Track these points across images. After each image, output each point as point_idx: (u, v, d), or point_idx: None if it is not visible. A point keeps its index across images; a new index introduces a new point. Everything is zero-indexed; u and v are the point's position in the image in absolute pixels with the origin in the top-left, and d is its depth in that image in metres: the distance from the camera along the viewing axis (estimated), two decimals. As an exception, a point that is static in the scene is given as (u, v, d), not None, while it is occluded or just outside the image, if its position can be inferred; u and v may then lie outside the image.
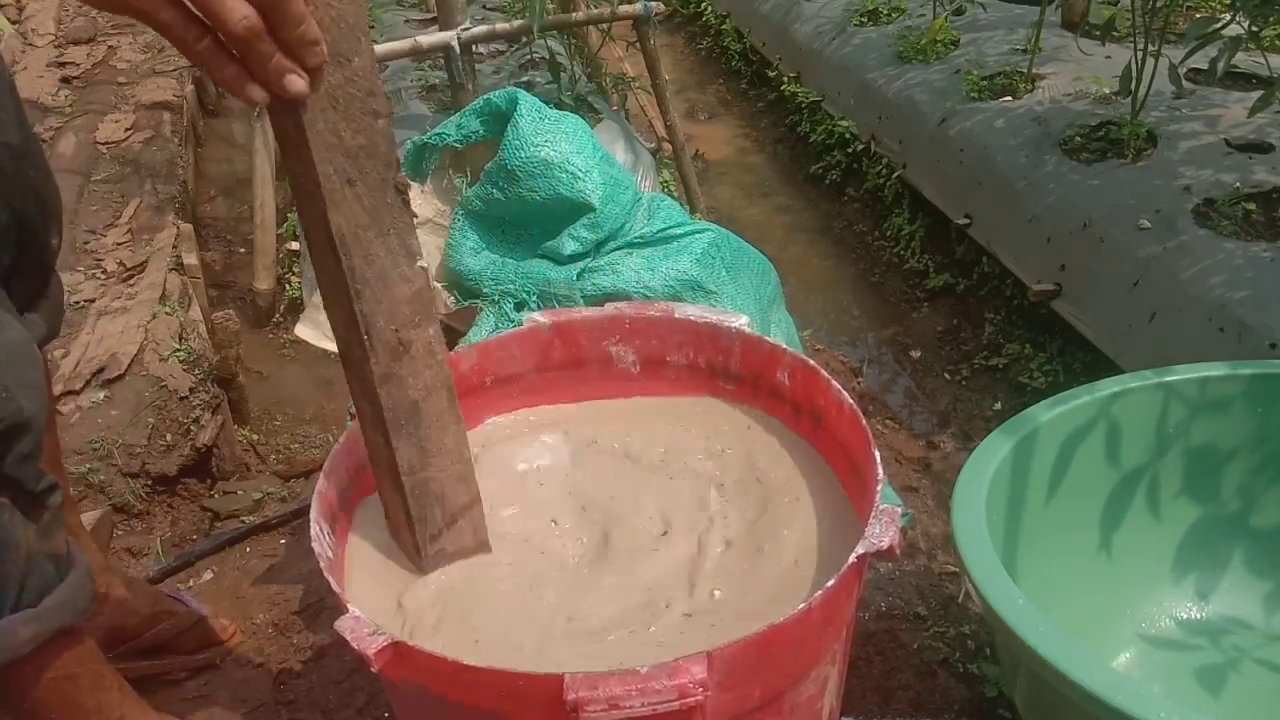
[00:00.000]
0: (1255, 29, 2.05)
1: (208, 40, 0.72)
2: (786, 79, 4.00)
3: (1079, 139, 2.52)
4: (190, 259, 2.61)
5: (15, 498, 0.96)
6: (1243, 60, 2.45)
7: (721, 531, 1.06)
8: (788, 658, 0.87)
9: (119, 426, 1.95)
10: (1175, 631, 1.50)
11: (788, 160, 3.90)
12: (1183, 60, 2.14)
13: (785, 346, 1.15)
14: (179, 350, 2.15)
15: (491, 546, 1.04)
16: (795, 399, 1.14)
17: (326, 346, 1.47)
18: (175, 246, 2.60)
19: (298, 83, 0.75)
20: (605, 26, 2.95)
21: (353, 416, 1.08)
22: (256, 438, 2.33)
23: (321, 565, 0.90)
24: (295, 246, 2.96)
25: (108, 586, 1.40)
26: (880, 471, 0.95)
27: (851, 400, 1.05)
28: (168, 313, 2.26)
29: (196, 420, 2.05)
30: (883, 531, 0.88)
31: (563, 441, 1.19)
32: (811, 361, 1.12)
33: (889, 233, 3.17)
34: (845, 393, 1.06)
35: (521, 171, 1.54)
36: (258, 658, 1.57)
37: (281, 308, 2.89)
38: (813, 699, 0.95)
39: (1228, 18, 1.98)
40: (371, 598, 0.99)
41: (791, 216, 3.53)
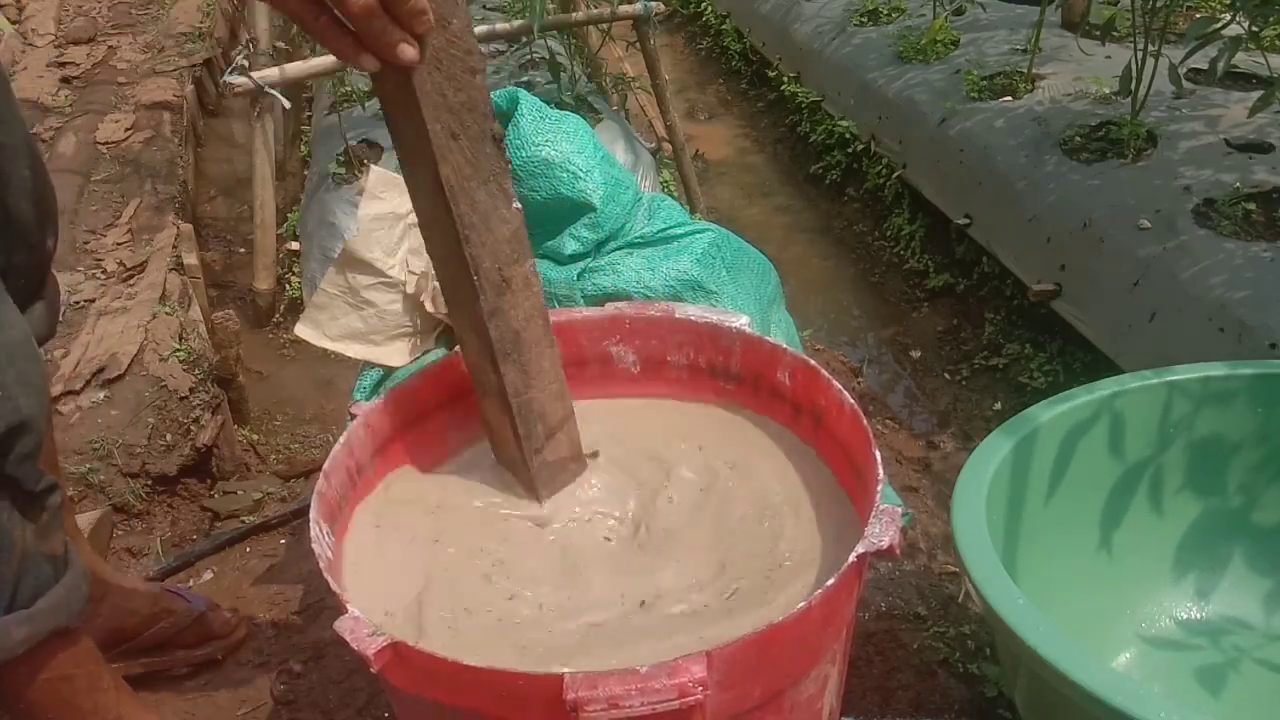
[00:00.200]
0: (1255, 29, 2.05)
1: (325, 17, 0.80)
2: (786, 79, 4.00)
3: (1079, 139, 2.51)
4: (190, 259, 2.62)
5: (14, 497, 0.96)
6: (1243, 60, 2.45)
7: (721, 531, 1.05)
8: (788, 657, 0.86)
9: (119, 426, 1.95)
10: (1175, 631, 1.50)
11: (788, 160, 3.90)
12: (1183, 60, 2.14)
13: (786, 346, 1.15)
14: (179, 350, 2.15)
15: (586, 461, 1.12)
16: (796, 399, 1.14)
17: (327, 346, 1.47)
18: (175, 246, 2.60)
19: (409, 51, 0.82)
20: (605, 26, 2.96)
21: (353, 416, 1.09)
22: (256, 438, 2.33)
23: (321, 565, 0.90)
24: (295, 246, 2.96)
25: (105, 588, 1.40)
26: (881, 471, 0.95)
27: (852, 400, 1.05)
28: (168, 313, 2.26)
29: (196, 420, 2.05)
30: (883, 531, 0.88)
31: (563, 441, 1.18)
32: (812, 361, 1.12)
33: (889, 233, 3.17)
34: (846, 393, 1.06)
35: (522, 171, 1.54)
36: (258, 658, 1.57)
37: (281, 308, 2.89)
38: (813, 698, 0.95)
39: (1228, 18, 1.98)
40: (371, 598, 0.99)
41: (791, 216, 3.53)
